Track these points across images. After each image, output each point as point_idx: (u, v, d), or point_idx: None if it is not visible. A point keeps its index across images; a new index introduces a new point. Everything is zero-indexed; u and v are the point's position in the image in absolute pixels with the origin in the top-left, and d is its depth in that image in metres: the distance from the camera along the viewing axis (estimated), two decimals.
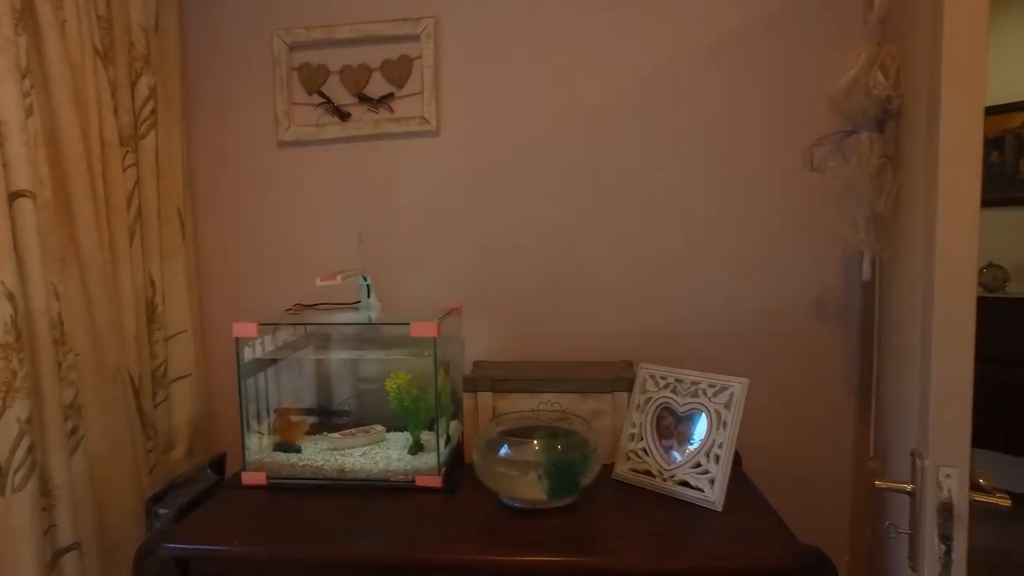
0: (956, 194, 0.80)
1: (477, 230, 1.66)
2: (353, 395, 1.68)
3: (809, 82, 1.53)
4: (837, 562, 1.63)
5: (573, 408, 1.38)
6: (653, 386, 1.30)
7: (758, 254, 1.59)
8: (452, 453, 1.44)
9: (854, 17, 1.51)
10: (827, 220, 1.54)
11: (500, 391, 1.41)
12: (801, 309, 1.59)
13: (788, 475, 1.63)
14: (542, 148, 1.62)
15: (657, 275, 1.62)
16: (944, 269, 0.82)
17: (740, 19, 1.55)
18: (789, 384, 1.62)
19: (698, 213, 1.60)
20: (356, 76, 1.64)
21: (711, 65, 1.57)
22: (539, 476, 1.16)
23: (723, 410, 1.18)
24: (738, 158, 1.58)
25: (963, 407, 0.82)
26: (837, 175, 1.29)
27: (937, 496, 0.84)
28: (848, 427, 1.63)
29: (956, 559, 0.84)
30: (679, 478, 1.21)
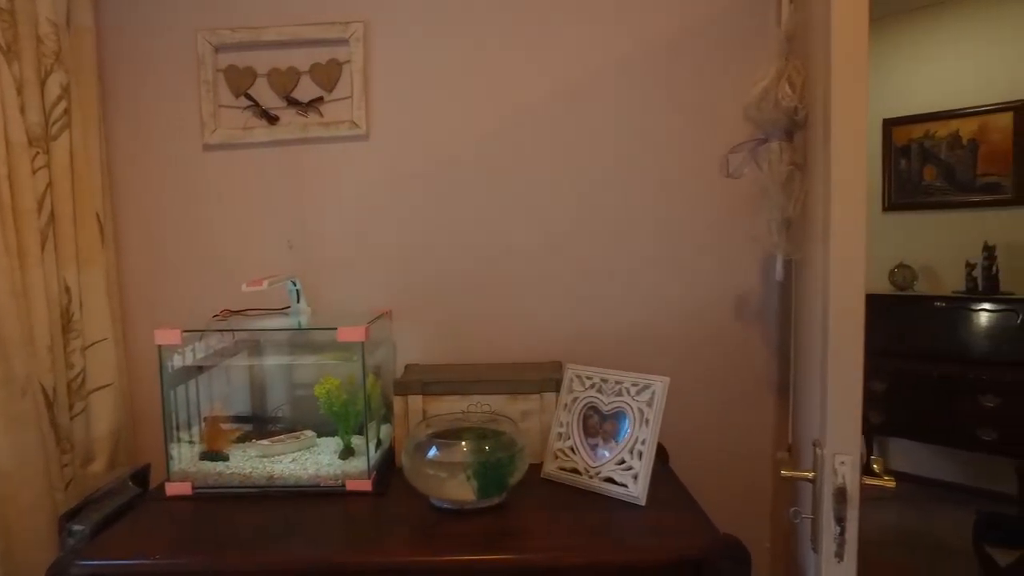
0: (846, 200, 0.86)
1: (408, 234, 1.67)
2: (288, 401, 1.65)
3: (727, 91, 1.60)
4: (759, 549, 1.72)
5: (503, 409, 1.41)
6: (579, 386, 1.34)
7: (681, 257, 1.66)
8: (383, 457, 1.44)
9: (770, 30, 1.59)
10: (745, 224, 1.62)
11: (430, 394, 1.42)
12: (723, 309, 1.66)
13: (713, 469, 1.70)
14: (471, 152, 1.65)
15: (585, 277, 1.67)
16: (837, 270, 0.88)
17: (666, 30, 1.62)
18: (713, 382, 1.69)
19: (623, 217, 1.65)
20: (284, 79, 1.62)
21: (635, 73, 1.62)
22: (467, 477, 1.18)
23: (646, 408, 1.23)
24: (661, 163, 1.64)
25: (854, 399, 0.88)
26: (752, 181, 1.37)
27: (833, 481, 0.90)
28: (768, 421, 1.71)
29: (849, 538, 0.90)
30: (604, 475, 1.25)
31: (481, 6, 1.62)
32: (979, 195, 3.52)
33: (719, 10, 1.59)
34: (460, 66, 1.63)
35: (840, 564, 0.94)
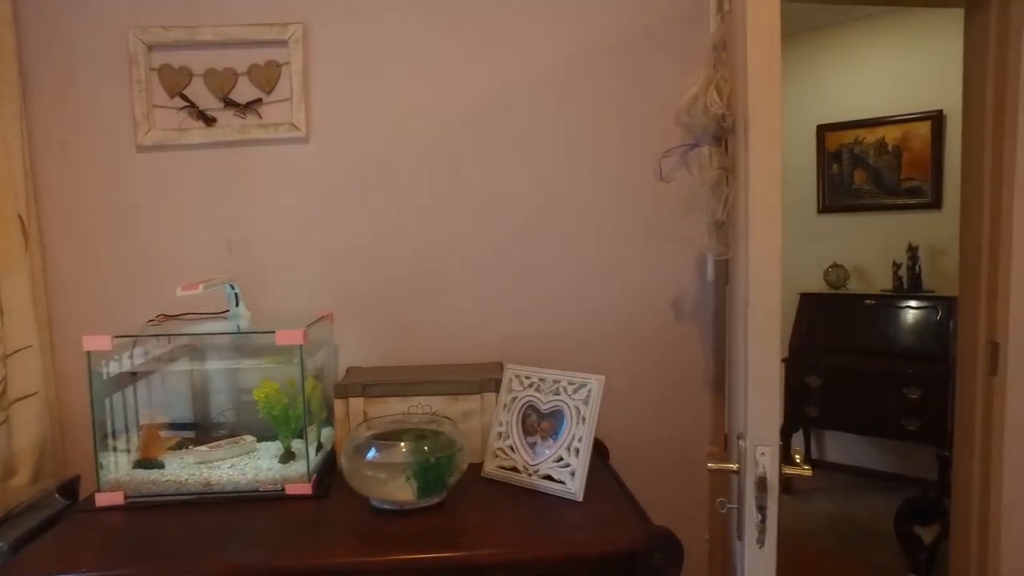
0: (764, 204, 0.90)
1: (349, 237, 1.66)
2: (232, 407, 1.63)
3: (663, 97, 1.65)
4: (698, 541, 1.78)
5: (444, 410, 1.42)
6: (518, 386, 1.36)
7: (619, 258, 1.70)
8: (324, 460, 1.44)
9: (702, 39, 1.65)
10: (679, 226, 1.68)
11: (371, 396, 1.42)
12: (661, 309, 1.72)
13: (653, 464, 1.75)
14: (412, 155, 1.66)
15: (526, 279, 1.69)
16: (756, 269, 0.92)
17: (604, 36, 1.66)
18: (652, 379, 1.74)
19: (563, 219, 1.69)
20: (221, 80, 1.60)
21: (574, 78, 1.66)
22: (407, 477, 1.19)
23: (582, 406, 1.26)
24: (598, 166, 1.68)
25: (773, 393, 0.93)
26: (685, 184, 1.42)
27: (754, 472, 0.95)
28: (705, 417, 1.77)
29: (769, 525, 0.95)
30: (543, 472, 1.28)
31: (421, 9, 1.63)
32: (903, 198, 3.71)
33: (655, 18, 1.65)
34: (400, 69, 1.64)
35: (762, 550, 0.98)
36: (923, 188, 3.64)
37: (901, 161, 3.70)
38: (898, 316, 3.41)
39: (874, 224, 3.81)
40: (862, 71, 3.79)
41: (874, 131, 3.75)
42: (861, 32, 3.77)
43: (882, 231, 3.77)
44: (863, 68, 3.78)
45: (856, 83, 3.81)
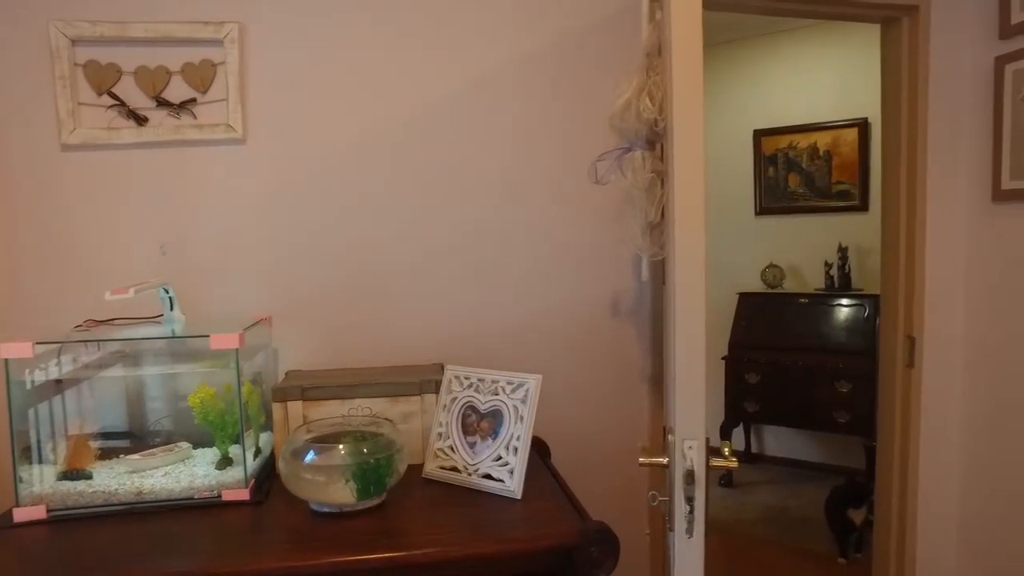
0: (687, 206, 0.94)
1: (289, 239, 1.65)
2: (168, 414, 1.58)
3: (597, 102, 1.69)
4: (639, 535, 1.83)
5: (384, 412, 1.42)
6: (458, 386, 1.38)
7: (559, 260, 1.74)
8: (263, 465, 1.42)
9: (636, 45, 1.70)
10: (615, 228, 1.72)
11: (311, 399, 1.41)
12: (600, 308, 1.76)
13: (596, 461, 1.79)
14: (351, 158, 1.65)
15: (467, 281, 1.71)
16: (681, 269, 0.96)
17: (542, 43, 1.69)
18: (593, 378, 1.78)
19: (501, 222, 1.71)
20: (153, 78, 1.56)
21: (512, 82, 1.69)
22: (346, 479, 1.19)
23: (520, 405, 1.28)
24: (538, 170, 1.71)
25: (698, 389, 0.97)
26: (621, 188, 1.46)
27: (683, 465, 0.99)
28: (645, 414, 1.82)
29: (697, 516, 0.99)
30: (482, 471, 1.30)
31: (361, 13, 1.63)
32: (834, 201, 3.88)
33: (592, 25, 1.69)
34: (340, 71, 1.63)
35: (691, 539, 1.02)
36: (852, 191, 3.83)
37: (831, 165, 3.87)
38: (830, 314, 3.57)
39: (808, 226, 3.98)
40: (797, 79, 3.95)
41: (807, 137, 3.92)
42: (797, 42, 3.93)
43: (815, 232, 3.94)
44: (798, 76, 3.94)
45: (791, 90, 3.97)
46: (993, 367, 1.92)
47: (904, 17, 1.96)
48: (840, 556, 2.93)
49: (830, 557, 2.96)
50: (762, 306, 3.77)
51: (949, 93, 1.95)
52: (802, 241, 3.99)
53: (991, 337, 1.93)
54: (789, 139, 3.97)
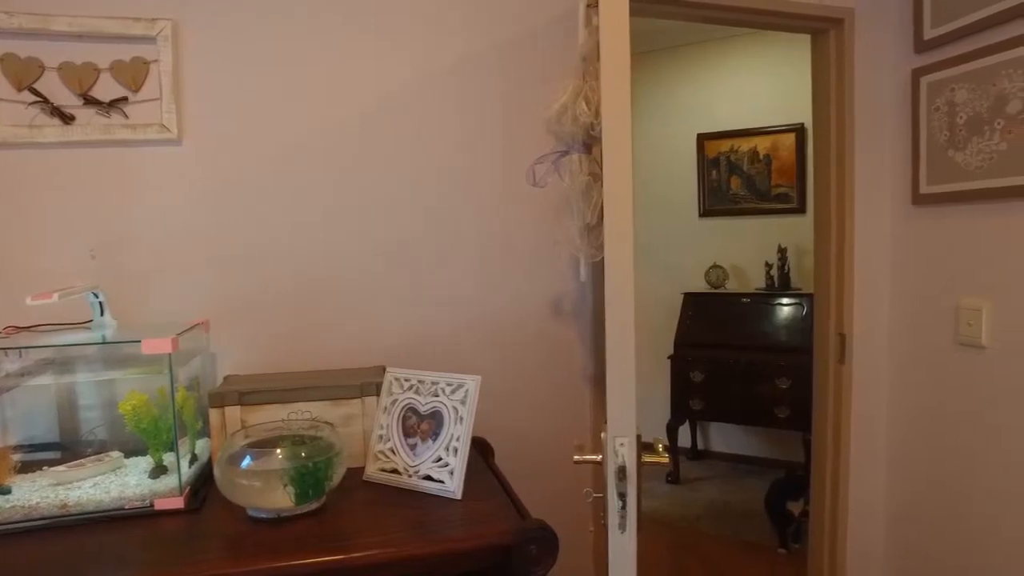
0: (617, 205, 0.97)
1: (227, 242, 1.62)
2: (102, 423, 1.53)
3: (538, 106, 1.72)
4: (583, 533, 1.85)
5: (325, 415, 1.41)
6: (398, 388, 1.38)
7: (500, 262, 1.75)
8: (200, 472, 1.39)
9: (574, 51, 1.73)
10: (555, 230, 1.75)
11: (249, 404, 1.39)
12: (542, 310, 1.78)
13: (539, 461, 1.81)
14: (291, 160, 1.63)
15: (409, 284, 1.71)
16: (612, 270, 0.99)
17: (484, 46, 1.70)
18: (536, 379, 1.80)
19: (442, 224, 1.72)
20: (80, 75, 1.51)
21: (455, 87, 1.70)
22: (284, 484, 1.18)
23: (460, 406, 1.29)
24: (478, 173, 1.72)
25: (629, 388, 1.00)
26: (557, 190, 1.49)
27: (615, 461, 1.01)
28: (587, 413, 1.85)
29: (630, 512, 1.02)
30: (423, 473, 1.30)
31: (302, 12, 1.61)
32: (774, 203, 4.02)
33: (531, 29, 1.71)
34: (280, 73, 1.61)
35: (624, 534, 1.05)
36: (790, 194, 3.97)
37: (771, 169, 4.00)
38: (770, 312, 3.69)
39: (749, 227, 4.11)
40: (738, 85, 4.07)
41: (748, 141, 4.04)
42: (739, 49, 4.05)
43: (756, 234, 4.07)
44: (739, 82, 4.07)
45: (733, 96, 4.10)
46: (914, 361, 2.03)
47: (831, 29, 2.05)
48: (780, 547, 3.04)
49: (771, 548, 3.07)
50: (706, 306, 3.88)
51: (873, 102, 2.05)
52: (744, 242, 4.11)
53: (912, 332, 2.03)
54: (731, 143, 4.09)
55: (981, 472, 1.82)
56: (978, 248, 1.81)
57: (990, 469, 1.79)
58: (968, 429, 1.85)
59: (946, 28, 1.86)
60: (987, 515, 1.80)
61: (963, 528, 1.88)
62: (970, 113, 1.80)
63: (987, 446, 1.80)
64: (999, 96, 1.72)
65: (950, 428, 1.91)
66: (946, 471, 1.93)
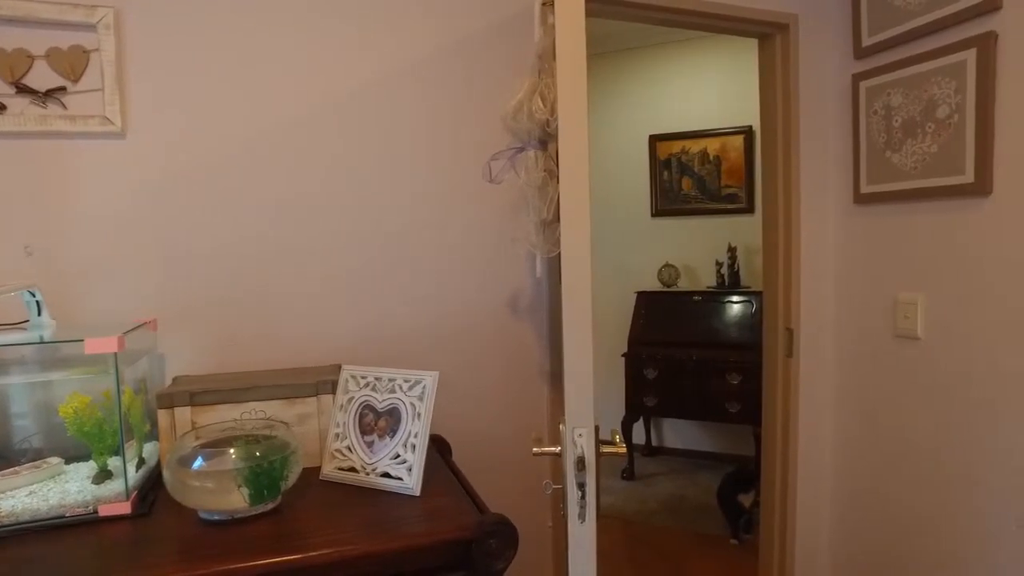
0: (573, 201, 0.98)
1: (174, 239, 1.57)
2: (39, 429, 1.46)
3: (493, 102, 1.72)
4: (543, 528, 1.87)
5: (280, 414, 1.38)
6: (354, 386, 1.36)
7: (457, 258, 1.75)
8: (148, 476, 1.34)
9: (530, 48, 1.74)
10: (512, 226, 1.76)
11: (200, 404, 1.35)
12: (499, 306, 1.79)
13: (498, 457, 1.81)
14: (242, 155, 1.60)
15: (365, 281, 1.69)
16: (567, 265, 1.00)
17: (441, 42, 1.70)
18: (494, 375, 1.80)
19: (399, 221, 1.71)
20: (12, 62, 1.44)
21: (406, 85, 1.69)
22: (238, 484, 1.15)
23: (417, 402, 1.28)
24: (435, 169, 1.72)
25: (586, 379, 1.01)
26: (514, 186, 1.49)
27: (574, 452, 1.02)
28: (544, 408, 1.86)
29: (589, 502, 1.03)
30: (380, 470, 1.29)
31: (254, 3, 1.58)
32: (723, 203, 4.13)
33: (489, 28, 1.72)
34: (230, 65, 1.58)
35: (583, 524, 1.06)
36: (739, 195, 4.08)
37: (721, 170, 4.11)
38: (721, 310, 3.79)
39: (700, 227, 4.21)
40: (689, 87, 4.17)
41: (698, 142, 4.14)
42: (690, 52, 4.15)
43: (707, 233, 4.17)
44: (690, 84, 4.16)
45: (684, 98, 4.19)
46: (857, 353, 2.11)
47: (777, 34, 2.12)
48: (732, 538, 3.12)
49: (725, 539, 3.14)
50: (659, 304, 3.95)
51: (817, 105, 2.13)
52: (695, 242, 4.21)
53: (855, 326, 2.12)
54: (682, 144, 4.19)
55: (918, 457, 1.91)
56: (913, 245, 1.90)
57: (926, 454, 1.88)
58: (907, 416, 1.94)
59: (882, 36, 1.94)
60: (925, 499, 1.89)
61: (904, 512, 1.96)
62: (905, 117, 1.88)
63: (923, 432, 1.89)
64: (930, 101, 1.81)
65: (891, 416, 2.00)
66: (887, 458, 2.01)
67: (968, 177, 1.71)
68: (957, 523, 1.80)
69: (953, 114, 1.75)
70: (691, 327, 3.79)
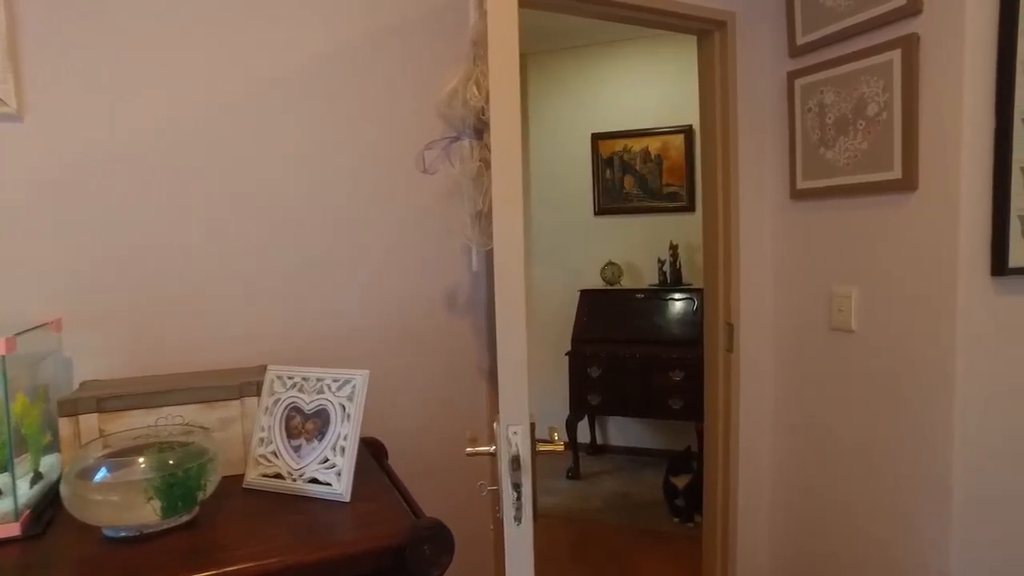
0: (505, 198, 0.94)
1: (83, 233, 1.45)
2: None
3: (428, 90, 1.66)
4: (484, 529, 1.81)
5: (199, 419, 1.29)
6: (280, 387, 1.28)
7: (392, 252, 1.68)
8: (45, 493, 1.23)
9: (466, 35, 1.69)
10: (447, 218, 1.70)
11: (109, 411, 1.25)
12: (435, 302, 1.73)
13: (437, 458, 1.75)
14: (156, 143, 1.49)
15: (294, 279, 1.61)
16: (500, 261, 0.95)
17: (369, 28, 1.63)
18: (430, 373, 1.74)
19: (325, 215, 1.63)
20: None
21: (336, 72, 1.61)
22: (148, 496, 1.06)
23: (347, 403, 1.22)
24: (365, 160, 1.65)
25: (521, 376, 0.97)
26: (448, 176, 1.44)
27: (508, 451, 0.98)
28: (484, 407, 1.81)
29: (525, 503, 0.99)
30: (308, 476, 1.21)
31: None
32: (665, 202, 4.17)
33: (421, 11, 1.66)
34: (144, 44, 1.47)
35: (519, 526, 1.02)
36: (680, 193, 4.13)
37: (662, 169, 4.16)
38: (663, 308, 3.82)
39: (642, 225, 4.24)
40: (631, 86, 4.20)
41: (640, 141, 4.17)
42: (632, 51, 4.18)
43: (649, 231, 4.21)
44: (632, 83, 4.19)
45: (626, 96, 4.22)
46: (795, 347, 2.14)
47: (715, 31, 2.14)
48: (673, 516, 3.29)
49: (668, 535, 3.17)
50: (602, 302, 3.96)
51: (755, 103, 2.16)
52: (637, 240, 4.24)
53: (793, 320, 2.15)
54: (624, 143, 4.21)
55: (849, 449, 1.95)
56: (847, 239, 1.93)
57: (857, 446, 1.92)
58: (841, 409, 1.98)
59: (815, 35, 1.98)
60: (855, 490, 1.93)
61: (837, 503, 2.00)
62: (837, 114, 1.92)
63: (855, 424, 1.93)
64: (860, 99, 1.84)
65: (826, 409, 2.03)
66: (822, 450, 2.05)
67: (896, 173, 1.76)
68: (883, 513, 1.84)
69: (882, 112, 1.79)
70: (634, 325, 3.81)
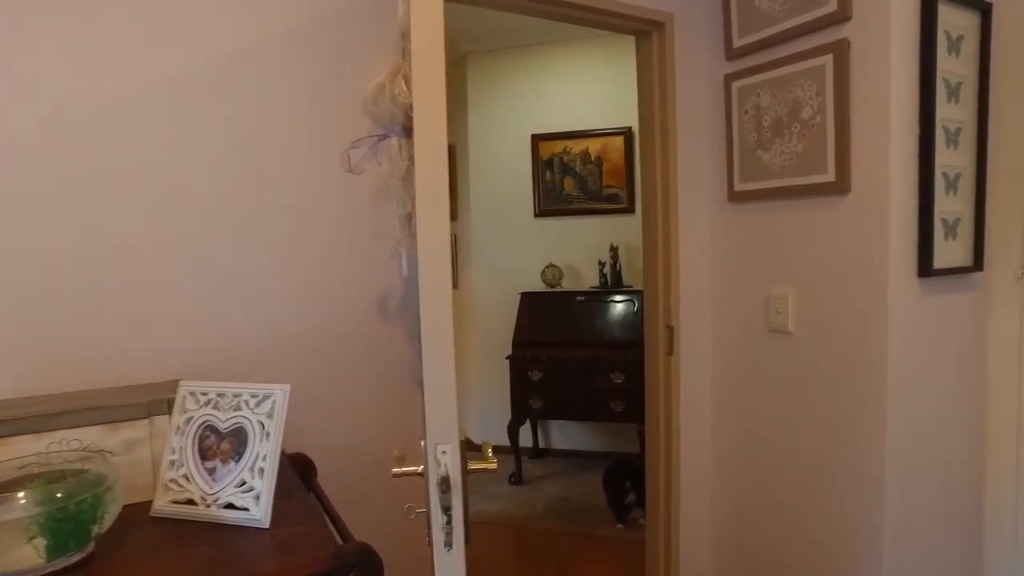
0: (429, 201, 0.88)
1: None
2: None
3: (354, 85, 1.57)
4: (421, 550, 1.73)
5: (100, 443, 1.17)
6: (193, 404, 1.18)
7: (317, 257, 1.59)
8: None
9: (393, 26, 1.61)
10: (378, 221, 1.62)
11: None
12: (364, 309, 1.64)
13: (370, 476, 1.66)
14: (47, 137, 1.34)
15: (205, 289, 1.49)
16: (424, 265, 0.89)
17: (289, 23, 1.53)
18: (361, 385, 1.66)
19: (245, 218, 1.52)
20: None
21: (254, 68, 1.51)
22: (30, 536, 0.94)
23: (266, 420, 1.12)
24: (285, 159, 1.54)
25: (449, 389, 0.91)
26: (376, 177, 1.36)
27: (437, 472, 0.91)
28: (417, 421, 1.73)
29: (456, 527, 0.93)
30: (223, 501, 1.12)
31: None
32: (605, 204, 4.18)
33: (348, 5, 1.57)
34: (45, 31, 1.33)
35: (450, 552, 0.96)
36: (620, 195, 4.15)
37: (602, 170, 4.16)
38: (604, 310, 3.82)
39: (583, 227, 4.24)
40: (571, 87, 4.19)
41: (579, 143, 4.17)
42: (572, 52, 4.17)
43: (589, 233, 4.21)
44: (572, 84, 4.18)
45: (566, 97, 4.20)
46: (734, 348, 2.15)
47: (653, 32, 2.13)
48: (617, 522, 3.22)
49: (609, 539, 3.16)
50: (543, 305, 3.93)
51: (693, 105, 2.16)
52: (578, 242, 4.23)
53: (731, 321, 2.16)
54: (564, 144, 4.20)
55: (788, 449, 1.96)
56: (783, 241, 1.95)
57: (794, 447, 1.94)
58: (779, 409, 1.99)
59: (751, 39, 1.99)
60: (791, 490, 1.95)
61: (776, 503, 2.02)
62: (773, 117, 1.93)
63: (792, 425, 1.94)
64: (795, 102, 1.86)
65: (764, 409, 2.05)
66: (760, 451, 2.06)
67: (830, 176, 1.78)
68: (820, 512, 1.87)
69: (815, 115, 1.81)
70: (575, 327, 3.80)
